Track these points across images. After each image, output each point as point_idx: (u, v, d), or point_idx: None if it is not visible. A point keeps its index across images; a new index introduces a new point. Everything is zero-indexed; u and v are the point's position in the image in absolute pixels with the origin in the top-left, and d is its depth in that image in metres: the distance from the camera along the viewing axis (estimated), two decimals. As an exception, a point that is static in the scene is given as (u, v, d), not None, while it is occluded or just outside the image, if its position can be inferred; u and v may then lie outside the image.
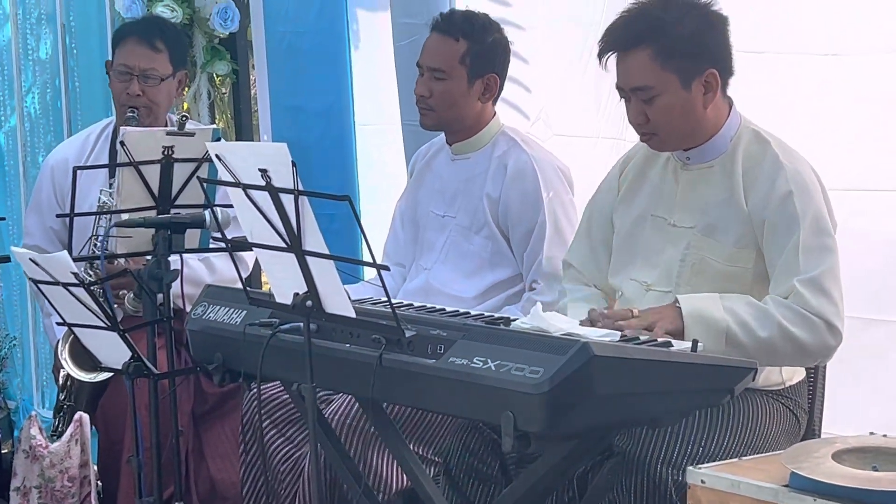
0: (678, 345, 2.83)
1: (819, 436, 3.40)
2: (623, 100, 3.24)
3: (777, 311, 3.06)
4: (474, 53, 3.86)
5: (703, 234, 3.20)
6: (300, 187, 2.74)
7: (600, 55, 3.22)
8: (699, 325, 3.05)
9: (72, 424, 4.00)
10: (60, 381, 4.24)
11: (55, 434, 4.20)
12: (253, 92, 5.59)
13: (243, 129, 5.47)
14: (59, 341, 4.15)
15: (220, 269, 4.32)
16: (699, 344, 2.81)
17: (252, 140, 5.55)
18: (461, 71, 3.86)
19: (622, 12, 3.23)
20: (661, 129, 3.21)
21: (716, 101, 3.20)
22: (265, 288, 5.28)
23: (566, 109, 4.29)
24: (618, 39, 3.19)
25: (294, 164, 2.71)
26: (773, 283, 3.13)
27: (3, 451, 4.74)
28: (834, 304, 3.08)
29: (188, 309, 3.48)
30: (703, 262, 3.19)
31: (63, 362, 4.12)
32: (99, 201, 4.10)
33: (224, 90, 5.53)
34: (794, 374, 3.28)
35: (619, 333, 2.89)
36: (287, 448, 3.73)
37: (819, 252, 3.09)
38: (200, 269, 4.30)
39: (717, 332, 3.04)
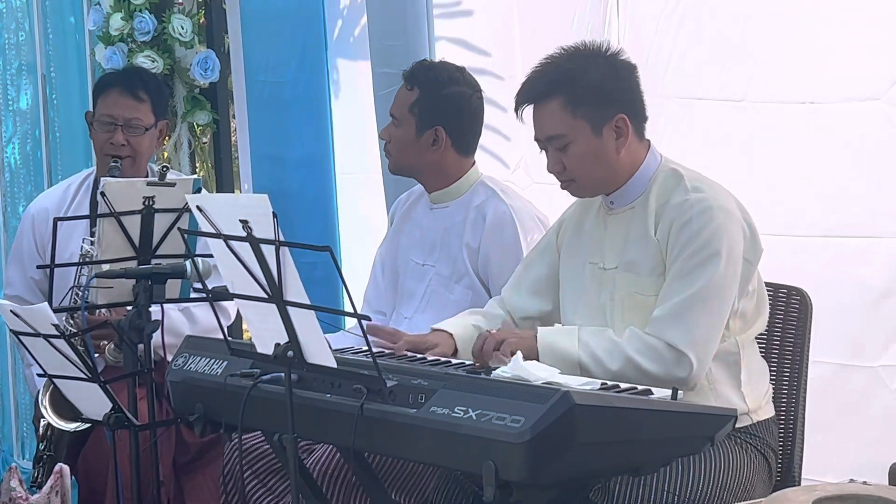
0: (658, 392, 2.84)
1: (799, 482, 3.40)
2: (542, 150, 3.32)
3: (628, 342, 3.12)
4: (424, 102, 3.89)
5: (625, 270, 3.26)
6: (281, 237, 2.75)
7: (516, 108, 3.32)
8: (552, 356, 3.14)
9: (52, 476, 3.96)
10: (41, 431, 4.23)
11: (35, 485, 4.17)
12: (233, 141, 5.60)
13: (224, 178, 5.49)
14: (39, 390, 4.14)
15: (200, 319, 4.32)
16: (679, 392, 2.82)
17: (233, 189, 5.57)
18: (410, 119, 3.90)
19: (535, 66, 3.33)
20: (577, 176, 3.29)
21: (629, 144, 3.27)
22: (245, 336, 5.28)
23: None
24: (531, 92, 3.30)
25: (275, 215, 2.72)
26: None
27: (-18, 503, 4.70)
28: (690, 331, 3.09)
29: (169, 359, 3.48)
30: (630, 298, 3.25)
31: (43, 410, 4.10)
32: (81, 250, 4.10)
33: (204, 139, 5.56)
34: (760, 408, 3.28)
35: (598, 382, 2.91)
36: (268, 498, 3.71)
37: (695, 276, 3.11)
38: (180, 319, 4.30)
39: (570, 364, 3.12)
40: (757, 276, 3.25)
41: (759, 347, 3.37)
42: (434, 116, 3.89)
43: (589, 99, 3.22)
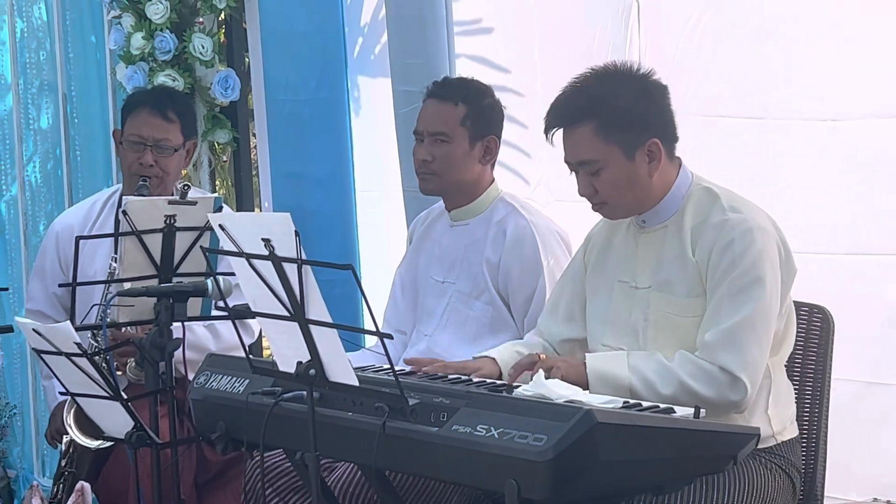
0: (681, 411, 2.84)
1: (822, 501, 3.39)
2: (572, 173, 3.29)
3: (681, 367, 3.10)
4: (474, 116, 3.90)
5: (659, 290, 3.24)
6: (303, 256, 2.76)
7: (546, 131, 3.28)
8: (601, 381, 3.12)
9: (73, 494, 3.98)
10: (63, 448, 4.23)
11: (54, 502, 4.18)
12: (253, 159, 5.61)
13: (244, 197, 5.50)
14: (64, 407, 4.14)
15: (224, 336, 4.32)
16: (701, 411, 2.82)
17: (252, 207, 5.57)
18: (463, 133, 3.90)
19: (564, 88, 3.29)
20: (609, 200, 3.26)
21: (661, 166, 3.24)
22: (266, 354, 5.29)
23: (567, 175, 4.32)
24: (561, 115, 3.26)
25: (297, 234, 2.73)
26: (700, 328, 3.16)
27: (3, 521, 4.73)
28: (742, 355, 3.08)
29: (190, 376, 3.48)
30: (664, 319, 3.23)
31: (68, 428, 4.11)
32: (110, 268, 4.10)
33: (225, 158, 5.56)
34: (785, 429, 3.28)
35: (621, 400, 2.90)
36: (289, 517, 3.71)
37: (742, 300, 3.10)
38: (205, 335, 4.30)
39: (621, 389, 3.08)
40: (788, 298, 3.24)
41: (781, 366, 3.36)
42: (485, 127, 3.91)
43: (621, 124, 3.18)
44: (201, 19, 5.21)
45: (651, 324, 3.24)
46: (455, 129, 3.89)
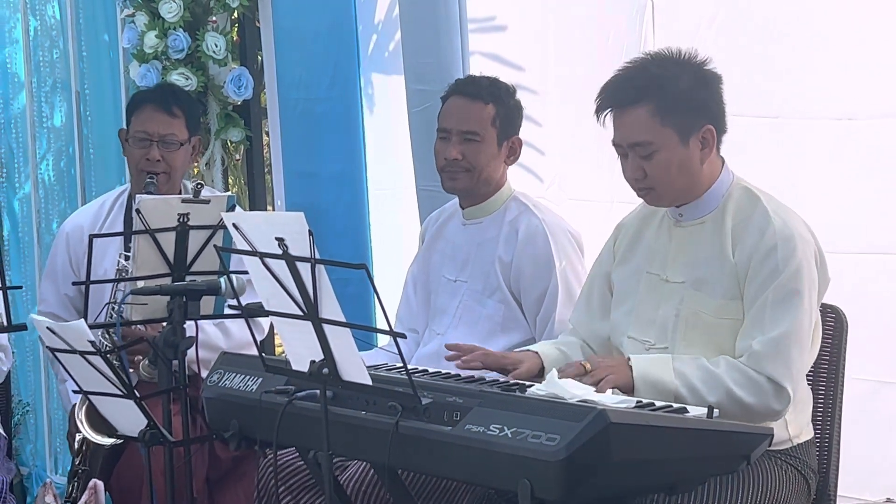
0: (694, 411, 2.83)
1: (835, 500, 3.38)
2: (620, 156, 3.27)
3: (727, 374, 3.09)
4: (503, 116, 3.91)
5: (694, 288, 3.23)
6: (317, 255, 2.76)
7: (598, 112, 3.25)
8: (648, 387, 3.10)
9: (86, 492, 3.98)
10: (76, 446, 4.24)
11: (68, 499, 4.19)
12: (266, 158, 5.61)
13: (257, 195, 5.50)
14: (75, 404, 4.15)
15: (234, 334, 4.33)
16: (714, 411, 2.81)
17: (265, 205, 5.58)
18: (493, 133, 3.91)
19: (619, 70, 3.27)
20: (658, 185, 3.24)
21: (711, 157, 3.23)
22: (278, 351, 5.29)
23: (580, 173, 4.32)
24: (616, 96, 3.23)
25: (311, 233, 2.73)
26: (739, 335, 3.15)
27: (16, 519, 4.74)
28: (788, 366, 3.08)
29: (203, 374, 3.49)
30: (695, 317, 3.22)
31: (80, 424, 4.12)
32: (118, 265, 4.11)
33: (237, 156, 5.56)
34: (802, 433, 3.28)
35: (634, 400, 2.90)
36: (302, 515, 3.72)
37: (785, 309, 3.10)
38: (215, 333, 4.31)
39: (666, 395, 3.07)
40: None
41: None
42: (511, 128, 3.93)
43: (678, 108, 3.17)
44: (214, 18, 5.22)
45: (682, 320, 3.23)
46: (486, 129, 3.90)
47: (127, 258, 4.06)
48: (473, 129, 3.90)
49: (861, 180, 3.72)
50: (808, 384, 3.37)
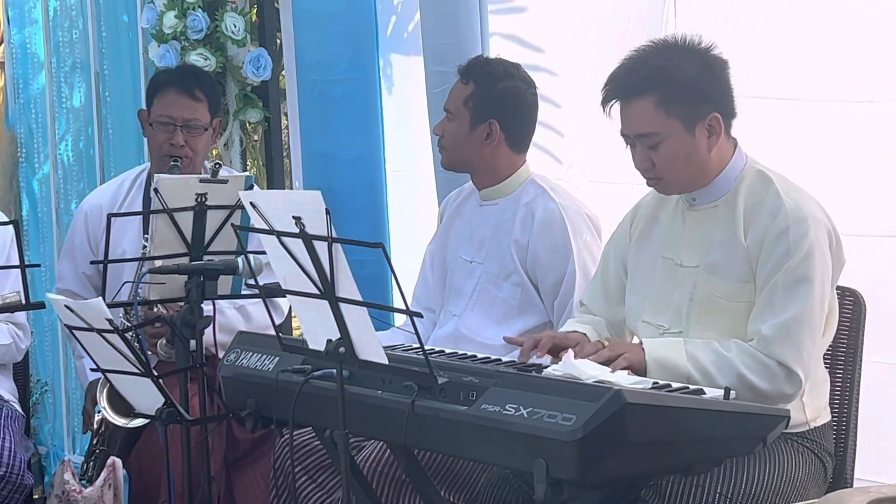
0: (710, 392, 2.83)
1: (852, 484, 3.38)
2: (628, 146, 3.27)
3: (738, 358, 3.09)
4: (478, 97, 3.89)
5: (708, 272, 3.22)
6: (334, 234, 2.76)
7: (603, 103, 3.26)
8: (660, 369, 3.10)
9: (105, 469, 4.01)
10: (94, 426, 4.25)
11: (83, 477, 4.21)
12: (284, 139, 5.62)
13: (275, 176, 5.50)
14: (97, 386, 4.16)
15: (255, 317, 4.33)
16: (731, 392, 2.81)
17: (283, 186, 5.58)
18: (465, 113, 3.91)
19: (623, 60, 3.26)
20: (666, 174, 3.24)
21: (719, 142, 3.22)
22: (296, 334, 5.30)
23: (600, 155, 4.30)
24: (620, 88, 3.23)
25: (328, 212, 2.73)
26: (750, 319, 3.14)
27: (34, 497, 4.76)
28: (798, 349, 3.08)
29: (221, 355, 3.49)
30: (710, 301, 3.21)
31: (101, 407, 4.13)
32: (143, 249, 4.11)
33: (255, 137, 5.57)
34: (819, 416, 3.27)
35: (650, 381, 2.89)
36: (318, 494, 3.72)
37: (796, 293, 3.09)
38: (236, 317, 4.31)
39: (678, 378, 3.07)
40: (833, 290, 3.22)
41: (811, 348, 3.34)
42: (488, 110, 3.89)
43: (683, 97, 3.17)
44: (234, -2, 5.22)
45: (696, 304, 3.23)
46: (458, 108, 3.92)
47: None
48: (449, 108, 3.95)
49: (881, 163, 3.70)
50: (826, 367, 3.36)
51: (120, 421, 4.12)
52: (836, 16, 3.78)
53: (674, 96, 3.16)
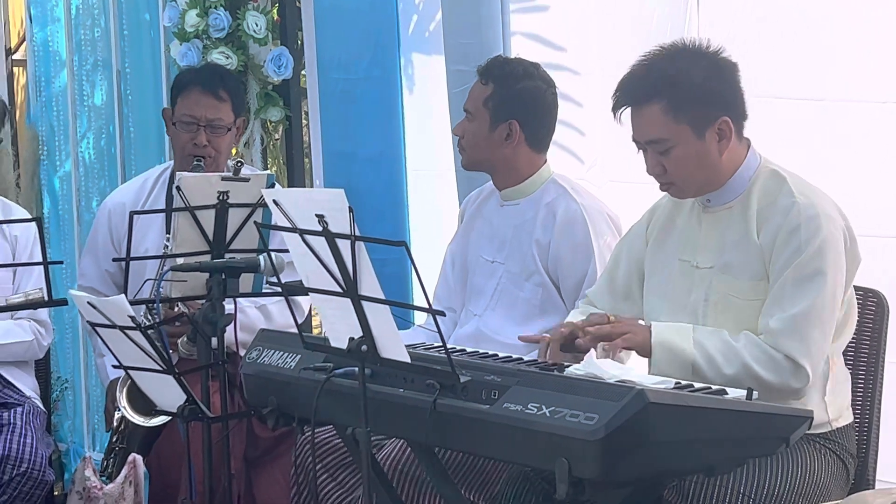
0: (733, 392, 2.82)
1: (874, 485, 3.37)
2: (640, 151, 3.28)
3: (746, 349, 3.09)
4: (498, 97, 3.89)
5: (722, 272, 3.23)
6: (357, 232, 2.76)
7: (614, 109, 3.26)
8: (665, 353, 3.11)
9: (126, 466, 4.02)
10: (114, 424, 4.26)
11: (103, 474, 4.22)
12: (305, 138, 5.62)
13: (295, 175, 5.50)
14: (117, 385, 4.17)
15: (276, 317, 4.33)
16: (754, 393, 2.80)
17: (303, 185, 5.58)
18: (484, 114, 3.91)
19: (633, 66, 3.27)
20: (678, 179, 3.25)
21: (731, 145, 3.22)
22: (316, 332, 5.30)
23: (621, 154, 4.29)
24: (630, 94, 3.24)
25: (351, 210, 2.73)
26: (761, 314, 3.14)
27: (55, 494, 4.77)
28: (806, 344, 3.07)
29: (242, 353, 3.50)
30: (725, 300, 3.22)
31: (121, 406, 4.14)
32: (165, 249, 4.12)
33: (276, 136, 5.57)
34: (841, 416, 3.27)
35: (673, 381, 2.89)
36: (339, 492, 3.73)
37: (806, 288, 3.09)
38: (257, 316, 4.31)
39: (683, 364, 3.08)
40: (850, 288, 3.22)
41: (834, 349, 3.34)
42: (508, 110, 3.89)
43: (692, 103, 3.17)
44: (255, -3, 5.22)
45: (712, 305, 3.23)
46: (478, 109, 3.92)
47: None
48: (469, 108, 3.95)
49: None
50: (848, 368, 3.36)
51: (139, 420, 4.12)
52: (858, 16, 3.77)
53: (682, 102, 3.16)
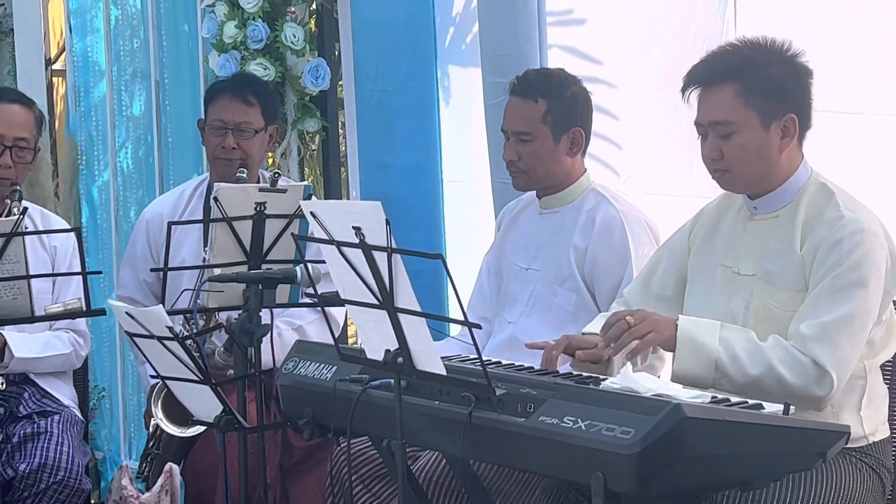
0: (770, 407, 2.81)
1: (911, 501, 3.35)
2: (700, 136, 3.27)
3: (773, 350, 3.07)
4: (555, 110, 3.90)
5: (764, 281, 3.22)
6: (394, 245, 2.77)
7: (684, 89, 3.26)
8: (690, 349, 3.10)
9: (162, 475, 4.03)
10: (150, 429, 4.28)
11: (139, 476, 4.24)
12: (342, 148, 5.64)
13: (332, 186, 5.52)
14: (153, 394, 4.19)
15: (312, 336, 4.34)
16: (791, 407, 2.79)
17: (340, 196, 5.60)
18: (545, 130, 3.91)
19: (712, 51, 3.30)
20: (734, 167, 3.23)
21: (790, 148, 3.22)
22: (351, 341, 5.31)
23: (658, 167, 4.29)
24: (704, 74, 3.24)
25: (388, 223, 2.74)
26: (794, 318, 3.13)
27: (92, 502, 4.79)
28: (835, 352, 3.05)
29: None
30: (765, 309, 3.21)
31: (156, 417, 4.16)
32: (203, 261, 4.14)
33: (313, 147, 5.59)
34: (878, 431, 3.25)
35: (709, 395, 2.88)
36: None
37: (842, 298, 3.07)
38: (293, 338, 4.32)
39: (707, 361, 3.07)
40: (891, 306, 3.20)
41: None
42: (569, 120, 3.91)
43: (764, 91, 3.17)
44: (293, 9, 5.24)
45: (752, 313, 3.22)
46: (537, 127, 3.91)
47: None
48: (524, 130, 3.93)
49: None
50: (886, 382, 3.34)
51: (174, 430, 4.14)
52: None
53: (755, 89, 3.17)
